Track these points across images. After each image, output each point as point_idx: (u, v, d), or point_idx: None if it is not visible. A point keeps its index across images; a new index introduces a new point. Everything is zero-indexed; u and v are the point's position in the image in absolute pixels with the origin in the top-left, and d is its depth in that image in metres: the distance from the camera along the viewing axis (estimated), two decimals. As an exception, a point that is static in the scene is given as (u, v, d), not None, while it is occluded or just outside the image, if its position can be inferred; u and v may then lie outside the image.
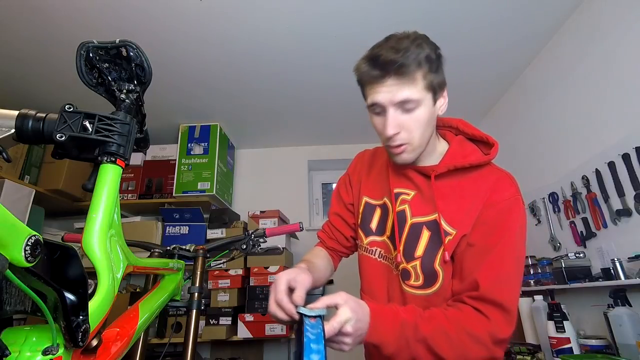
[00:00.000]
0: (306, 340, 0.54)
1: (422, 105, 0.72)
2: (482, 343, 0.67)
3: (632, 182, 1.34)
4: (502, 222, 0.74)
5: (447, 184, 0.80)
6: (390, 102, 0.72)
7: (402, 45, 0.70)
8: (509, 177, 0.79)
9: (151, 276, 0.98)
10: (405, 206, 0.83)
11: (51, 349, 0.36)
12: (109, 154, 0.53)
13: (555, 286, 1.56)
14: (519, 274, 0.74)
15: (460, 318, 0.69)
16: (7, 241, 0.29)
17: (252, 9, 1.61)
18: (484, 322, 0.68)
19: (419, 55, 0.69)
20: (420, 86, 0.71)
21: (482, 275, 0.71)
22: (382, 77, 0.71)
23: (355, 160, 1.04)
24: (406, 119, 0.73)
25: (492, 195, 0.75)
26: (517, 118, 2.20)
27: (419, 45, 0.70)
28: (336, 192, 1.04)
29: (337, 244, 1.01)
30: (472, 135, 0.85)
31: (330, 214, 1.03)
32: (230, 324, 2.08)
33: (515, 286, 0.73)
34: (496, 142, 0.81)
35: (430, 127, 0.77)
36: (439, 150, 0.84)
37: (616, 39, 1.45)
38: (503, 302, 0.69)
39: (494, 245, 0.73)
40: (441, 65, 0.75)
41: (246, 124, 2.68)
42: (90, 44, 0.58)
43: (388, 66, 0.69)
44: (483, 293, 0.70)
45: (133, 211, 2.59)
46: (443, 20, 1.69)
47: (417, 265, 0.79)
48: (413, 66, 0.69)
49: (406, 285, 0.81)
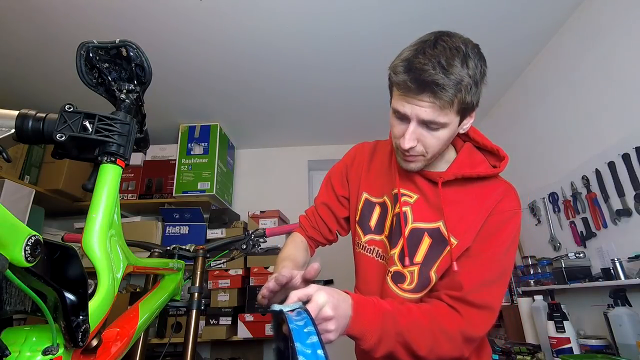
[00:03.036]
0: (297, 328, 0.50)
1: (447, 127, 0.69)
2: (453, 340, 0.68)
3: (632, 182, 1.34)
4: (498, 231, 0.74)
5: (452, 192, 0.79)
6: (416, 117, 0.68)
7: (449, 61, 0.64)
8: (512, 190, 0.79)
9: (151, 276, 0.98)
10: (407, 208, 0.81)
11: (51, 349, 0.36)
12: (109, 154, 0.53)
13: (555, 286, 1.56)
14: (503, 281, 0.74)
15: (434, 313, 0.69)
16: (7, 241, 0.29)
17: (252, 9, 1.61)
18: (457, 319, 0.69)
19: (462, 81, 0.64)
20: (452, 111, 0.67)
21: (467, 277, 0.71)
22: (417, 93, 0.65)
23: (353, 152, 0.99)
24: (426, 136, 0.70)
25: (496, 206, 0.75)
26: (517, 118, 2.20)
27: (467, 65, 0.65)
28: (327, 180, 0.99)
29: (318, 235, 0.97)
30: (482, 144, 0.83)
31: (318, 203, 0.98)
32: (230, 324, 2.08)
33: (498, 292, 0.73)
34: (507, 155, 0.79)
35: (447, 144, 0.75)
36: (447, 157, 0.83)
37: (616, 39, 1.45)
38: (482, 304, 0.70)
39: (485, 250, 0.73)
40: (482, 84, 0.70)
41: (246, 124, 2.68)
42: (90, 44, 0.58)
43: (428, 85, 0.64)
44: (465, 295, 0.70)
45: (133, 211, 2.59)
46: (443, 20, 1.69)
47: (414, 271, 0.78)
48: (452, 91, 0.64)
49: (397, 288, 0.80)
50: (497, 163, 0.80)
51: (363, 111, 2.50)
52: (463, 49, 0.66)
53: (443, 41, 0.66)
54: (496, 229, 0.74)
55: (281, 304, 0.58)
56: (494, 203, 0.75)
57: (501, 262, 0.73)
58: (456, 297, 0.71)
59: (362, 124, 2.70)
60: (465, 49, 0.66)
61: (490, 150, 0.82)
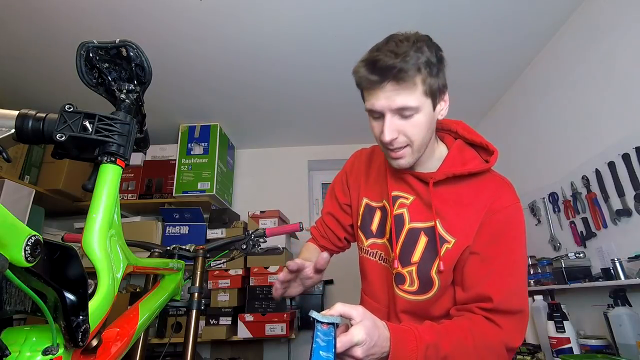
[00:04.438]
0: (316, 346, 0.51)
1: (421, 111, 0.70)
2: (498, 353, 0.67)
3: (632, 182, 1.34)
4: (506, 230, 0.73)
5: (446, 190, 0.79)
6: (388, 109, 0.70)
7: (401, 49, 0.67)
8: (508, 184, 0.79)
9: (151, 276, 0.98)
10: (404, 210, 0.82)
11: (51, 349, 0.36)
12: (109, 154, 0.53)
13: (555, 286, 1.56)
14: (526, 280, 0.75)
15: (475, 331, 0.68)
16: (7, 241, 0.29)
17: (252, 9, 1.61)
18: (498, 332, 0.68)
19: (418, 59, 0.67)
20: (419, 92, 0.69)
21: (493, 287, 0.70)
22: (380, 83, 0.68)
23: (352, 159, 1.02)
24: (404, 125, 0.71)
25: (494, 203, 0.74)
26: (517, 118, 2.20)
27: (419, 49, 0.68)
28: (331, 191, 1.02)
29: (329, 243, 1.00)
30: (471, 140, 0.83)
31: (324, 213, 1.02)
32: (230, 324, 2.08)
33: (525, 293, 0.73)
34: (496, 149, 0.80)
35: (429, 132, 0.75)
36: (438, 154, 0.83)
37: (616, 39, 1.45)
38: (515, 309, 0.69)
39: (500, 254, 0.72)
40: (442, 68, 0.73)
41: (246, 124, 2.68)
42: (90, 44, 0.58)
43: (386, 72, 0.67)
44: (497, 305, 0.69)
45: (133, 211, 2.59)
46: (443, 20, 1.69)
47: (412, 271, 0.78)
48: (412, 71, 0.67)
49: (399, 290, 0.80)
50: (488, 158, 0.80)
51: (363, 111, 2.48)
52: (413, 38, 0.70)
53: (393, 37, 0.71)
54: (504, 229, 0.74)
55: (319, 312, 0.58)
56: (490, 199, 0.75)
57: (519, 262, 0.73)
58: (489, 309, 0.70)
59: (362, 124, 2.67)
60: (414, 38, 0.70)
61: (480, 145, 0.83)
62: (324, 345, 0.51)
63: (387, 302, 0.85)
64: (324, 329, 0.55)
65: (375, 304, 0.88)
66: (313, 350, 0.50)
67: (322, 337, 0.53)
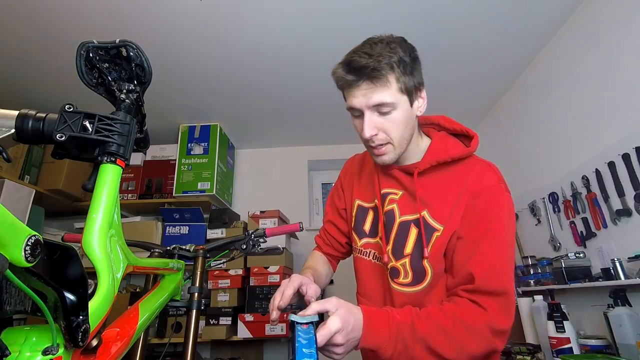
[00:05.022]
0: (298, 345, 0.54)
1: (397, 108, 0.73)
2: (481, 335, 0.67)
3: (632, 182, 1.34)
4: (488, 210, 0.74)
5: (432, 179, 0.81)
6: (365, 106, 0.73)
7: (375, 50, 0.71)
8: (490, 166, 0.80)
9: (151, 276, 0.98)
10: (394, 205, 0.84)
11: (51, 349, 0.36)
12: (109, 154, 0.53)
13: (555, 286, 1.56)
14: (512, 260, 0.75)
15: (456, 312, 0.69)
16: (7, 241, 0.29)
17: (252, 9, 1.61)
18: (482, 314, 0.68)
19: (391, 59, 0.71)
20: (393, 89, 0.72)
21: (476, 267, 0.71)
22: (357, 82, 0.72)
23: (346, 165, 1.06)
24: (383, 121, 0.75)
25: (476, 185, 0.76)
26: (517, 118, 2.20)
27: (392, 50, 0.72)
28: (330, 199, 1.07)
29: (332, 250, 1.04)
30: (453, 130, 0.87)
31: (325, 222, 1.06)
32: (230, 324, 2.08)
33: (509, 274, 0.73)
34: (475, 134, 0.83)
35: (408, 128, 0.78)
36: (422, 147, 0.85)
37: (616, 39, 1.45)
38: (499, 290, 0.69)
39: (482, 234, 0.73)
40: (417, 67, 0.76)
41: (246, 124, 2.68)
42: (90, 44, 0.58)
43: (361, 71, 0.71)
44: (478, 285, 0.70)
45: (133, 211, 2.59)
46: (443, 21, 1.69)
47: (406, 263, 0.80)
48: (385, 70, 0.70)
49: (395, 283, 0.81)
50: (470, 143, 0.82)
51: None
52: (386, 40, 0.74)
53: (369, 40, 0.76)
54: (485, 210, 0.75)
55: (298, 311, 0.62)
56: (472, 182, 0.77)
57: (503, 241, 0.73)
58: (472, 290, 0.71)
59: (362, 124, 2.70)
60: (387, 39, 0.74)
61: (462, 133, 0.86)
62: (305, 343, 0.55)
63: (383, 300, 0.85)
64: (304, 329, 0.59)
65: (370, 304, 0.88)
66: (296, 349, 0.54)
67: (303, 336, 0.56)
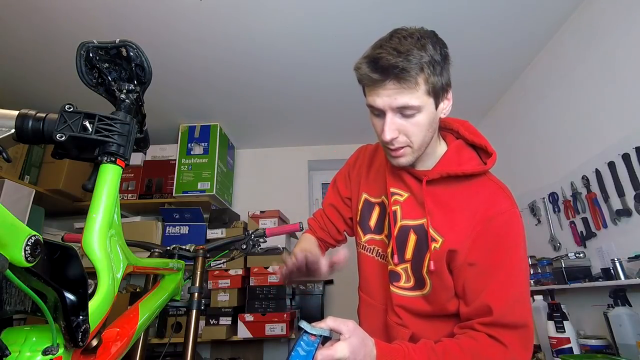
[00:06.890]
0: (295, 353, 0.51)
1: (422, 110, 0.69)
2: None
3: (632, 182, 1.34)
4: (504, 238, 0.70)
5: (439, 190, 0.77)
6: (389, 107, 0.68)
7: (405, 46, 0.65)
8: (503, 189, 0.75)
9: (151, 276, 0.98)
10: (397, 207, 0.82)
11: (51, 349, 0.36)
12: (109, 154, 0.53)
13: (555, 286, 1.56)
14: (528, 289, 0.72)
15: (476, 349, 0.65)
16: (7, 241, 0.29)
17: (252, 9, 1.61)
18: (502, 351, 0.65)
19: (421, 58, 0.65)
20: (421, 91, 0.67)
21: (493, 298, 0.67)
22: (382, 81, 0.67)
23: (356, 153, 1.02)
24: (405, 124, 0.70)
25: (488, 210, 0.72)
26: (517, 118, 2.20)
27: (422, 47, 0.66)
28: (333, 183, 1.02)
29: (327, 236, 0.99)
30: (472, 141, 0.81)
31: (325, 205, 1.00)
32: (230, 324, 2.08)
33: (527, 303, 0.70)
34: (494, 151, 0.77)
35: (431, 131, 0.73)
36: (437, 154, 0.81)
37: (616, 39, 1.45)
38: (519, 323, 0.66)
39: (499, 263, 0.69)
40: (447, 66, 0.71)
41: (246, 124, 2.68)
42: (90, 44, 0.58)
43: (388, 70, 0.65)
44: (497, 318, 0.66)
45: (133, 211, 2.59)
46: (443, 21, 1.69)
47: (407, 268, 0.78)
48: (414, 71, 0.65)
49: (394, 287, 0.79)
50: (487, 160, 0.78)
51: (363, 111, 2.47)
52: (417, 35, 0.68)
53: (397, 33, 0.69)
54: (500, 236, 0.70)
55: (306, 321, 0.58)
56: (484, 205, 0.72)
57: (520, 271, 0.70)
58: (489, 324, 0.66)
59: (362, 124, 2.67)
60: (419, 34, 0.68)
61: (480, 147, 0.80)
62: (303, 355, 0.51)
63: (383, 299, 0.84)
64: (310, 340, 0.55)
65: (371, 301, 0.88)
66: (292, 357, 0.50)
67: (304, 347, 0.53)
